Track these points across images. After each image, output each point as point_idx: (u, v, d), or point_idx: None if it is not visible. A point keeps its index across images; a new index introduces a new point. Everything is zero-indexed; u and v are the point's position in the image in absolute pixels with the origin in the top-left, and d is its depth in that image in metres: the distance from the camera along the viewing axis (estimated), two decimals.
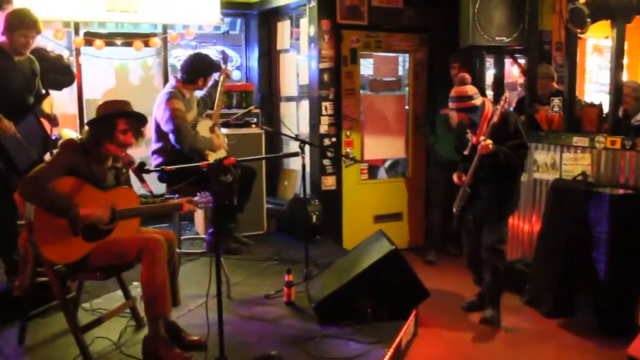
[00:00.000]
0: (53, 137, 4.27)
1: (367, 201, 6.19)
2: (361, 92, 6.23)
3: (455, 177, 4.31)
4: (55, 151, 3.22)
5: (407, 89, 6.53)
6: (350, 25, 5.95)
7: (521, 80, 6.34)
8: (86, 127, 3.35)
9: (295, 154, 3.77)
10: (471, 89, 4.15)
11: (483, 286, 4.46)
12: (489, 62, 6.48)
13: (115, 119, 3.26)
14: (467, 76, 4.21)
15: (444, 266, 5.76)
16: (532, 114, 5.30)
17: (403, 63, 6.74)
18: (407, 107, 6.51)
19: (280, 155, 6.25)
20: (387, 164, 7.03)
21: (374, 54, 6.31)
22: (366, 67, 6.44)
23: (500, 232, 4.29)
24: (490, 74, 6.56)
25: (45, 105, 4.26)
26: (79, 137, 3.38)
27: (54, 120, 4.22)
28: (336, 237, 5.93)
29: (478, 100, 4.13)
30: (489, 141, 3.99)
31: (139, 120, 3.36)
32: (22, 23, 3.85)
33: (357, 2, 5.95)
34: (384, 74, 6.47)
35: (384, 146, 6.43)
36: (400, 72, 6.69)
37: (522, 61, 6.14)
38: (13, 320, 3.56)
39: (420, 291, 3.97)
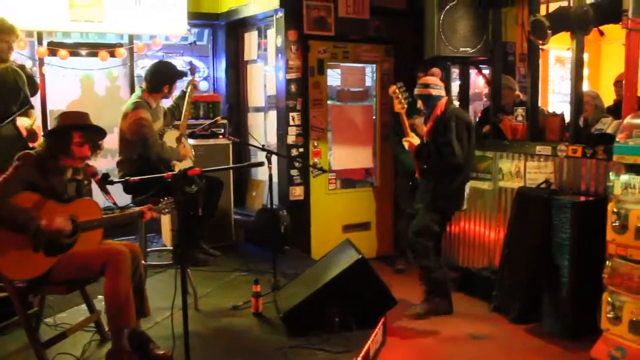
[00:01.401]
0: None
1: (335, 211, 6.20)
2: (329, 102, 6.25)
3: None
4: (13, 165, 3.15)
5: (374, 99, 6.57)
6: (317, 36, 5.98)
7: (486, 90, 6.43)
8: (42, 140, 3.30)
9: (260, 164, 3.77)
10: (433, 80, 4.51)
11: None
12: (455, 72, 6.56)
13: (71, 132, 3.22)
14: (438, 70, 4.39)
15: (413, 275, 5.73)
16: (497, 123, 5.38)
17: (371, 73, 6.79)
18: (374, 117, 6.54)
19: (245, 165, 6.25)
20: None
21: (341, 64, 6.34)
22: (333, 77, 6.47)
23: (423, 220, 4.50)
24: (456, 85, 6.64)
25: (28, 119, 4.27)
26: (36, 150, 3.32)
27: (32, 136, 4.18)
28: (304, 247, 5.93)
29: (435, 92, 4.44)
30: (412, 139, 4.43)
31: (96, 132, 3.32)
32: (1, 30, 4.00)
33: (324, 13, 5.99)
34: (351, 84, 6.51)
35: (352, 156, 6.45)
36: (368, 83, 6.73)
37: (486, 72, 6.23)
38: None
39: (387, 299, 3.98)
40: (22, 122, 4.25)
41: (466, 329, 4.38)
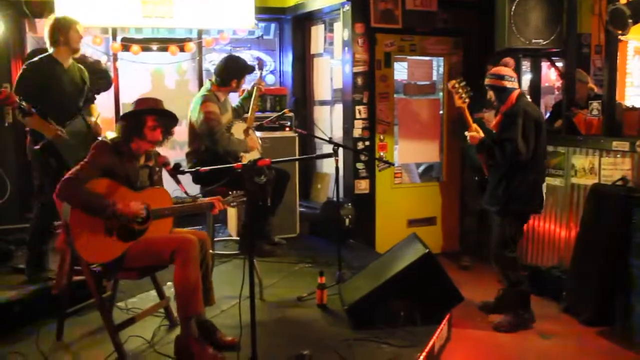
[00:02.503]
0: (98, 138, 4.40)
1: (400, 205, 6.17)
2: (395, 96, 6.22)
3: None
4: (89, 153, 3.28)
5: (441, 93, 6.49)
6: (384, 29, 5.96)
7: (558, 83, 6.23)
8: (117, 124, 3.42)
9: (329, 155, 3.77)
10: (506, 71, 4.28)
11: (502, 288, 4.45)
12: (526, 65, 6.40)
13: (145, 115, 3.33)
14: (511, 61, 4.25)
15: (479, 272, 5.68)
16: (570, 118, 5.21)
17: (437, 67, 6.70)
18: (441, 111, 6.47)
19: (314, 157, 6.27)
20: (421, 168, 6.99)
21: (408, 57, 6.29)
22: (400, 71, 6.44)
23: (502, 230, 4.27)
24: (526, 78, 6.47)
25: (92, 112, 4.46)
26: (111, 138, 3.45)
27: (95, 128, 4.35)
28: (369, 241, 5.92)
29: (508, 84, 4.21)
30: (474, 133, 4.25)
31: (168, 117, 3.41)
32: (71, 21, 4.20)
33: (391, 6, 5.95)
34: (419, 77, 6.44)
35: (418, 150, 6.40)
36: (435, 76, 6.65)
37: (559, 64, 6.03)
38: (51, 317, 3.64)
39: (454, 295, 3.93)
40: (89, 118, 4.43)
41: (535, 329, 4.27)
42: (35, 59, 4.21)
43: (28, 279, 4.19)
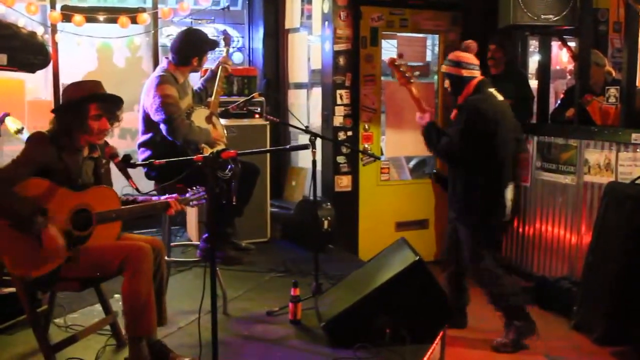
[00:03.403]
0: None
1: (387, 205, 6.19)
2: (382, 78, 6.23)
3: None
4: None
5: (436, 76, 6.52)
6: (370, 1, 5.97)
7: (571, 66, 6.29)
8: (52, 116, 3.35)
9: (305, 147, 3.76)
10: (466, 57, 4.31)
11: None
12: (533, 45, 6.45)
13: (86, 104, 3.26)
14: (474, 45, 4.35)
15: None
16: (584, 106, 5.27)
17: (432, 46, 6.73)
18: (436, 98, 6.49)
19: (288, 148, 6.25)
20: (412, 163, 7.02)
21: (398, 34, 6.31)
22: (389, 49, 6.44)
23: (468, 243, 4.36)
24: (534, 60, 6.53)
25: None
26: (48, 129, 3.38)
27: None
28: (351, 247, 5.93)
29: (465, 72, 4.26)
30: (426, 115, 4.37)
31: (113, 102, 3.36)
32: None
33: None
34: (410, 58, 6.43)
35: (408, 142, 6.41)
36: (429, 57, 6.67)
37: (572, 44, 6.09)
38: None
39: (448, 310, 3.95)
40: None
41: (540, 349, 4.32)
42: None
43: None
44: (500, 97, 4.37)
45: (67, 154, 3.28)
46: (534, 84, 6.22)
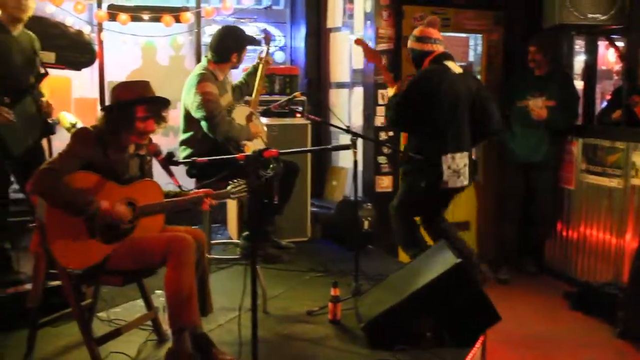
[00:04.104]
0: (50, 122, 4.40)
1: None
2: None
3: None
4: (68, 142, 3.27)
5: (478, 76, 6.44)
6: (413, 0, 5.92)
7: (618, 67, 6.17)
8: (100, 114, 3.41)
9: (346, 147, 3.75)
10: (430, 33, 4.59)
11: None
12: (579, 45, 6.34)
13: (134, 107, 3.30)
14: (437, 20, 4.69)
15: (519, 286, 5.66)
16: (631, 108, 5.16)
17: (475, 45, 6.66)
18: None
19: (330, 148, 6.25)
20: None
21: (441, 34, 6.24)
22: None
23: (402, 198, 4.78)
24: (580, 60, 6.41)
25: (44, 88, 4.39)
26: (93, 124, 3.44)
27: (46, 108, 4.32)
28: (391, 247, 5.89)
29: (427, 47, 4.54)
30: (394, 89, 4.67)
31: (160, 103, 3.41)
32: None
33: None
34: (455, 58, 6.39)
35: None
36: (471, 57, 6.61)
37: (620, 44, 5.97)
38: (20, 328, 3.64)
39: (490, 314, 3.88)
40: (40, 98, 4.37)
41: (584, 356, 4.24)
42: None
43: None
44: (456, 70, 4.60)
45: (112, 151, 3.33)
46: (579, 84, 6.10)
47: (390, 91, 4.72)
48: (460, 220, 6.31)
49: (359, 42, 4.79)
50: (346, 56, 6.58)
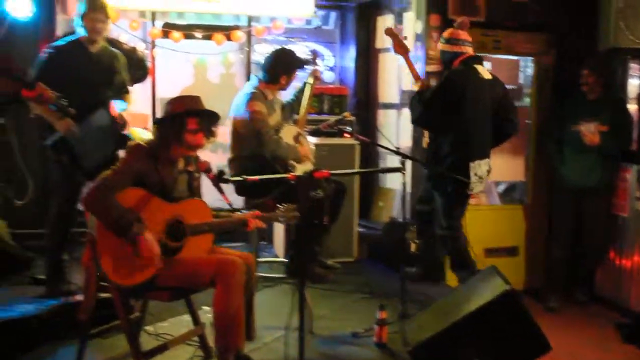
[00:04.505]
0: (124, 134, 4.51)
1: (476, 231, 6.01)
2: None
3: None
4: (121, 157, 3.34)
5: (529, 99, 6.38)
6: None
7: None
8: (153, 128, 3.47)
9: (397, 169, 3.74)
10: (460, 35, 4.72)
11: None
12: (634, 69, 6.22)
13: (184, 118, 3.36)
14: (466, 21, 4.77)
15: (569, 315, 5.54)
16: None
17: (525, 68, 6.60)
18: (528, 120, 6.35)
19: (380, 170, 6.25)
20: (501, 187, 6.87)
21: (491, 56, 6.21)
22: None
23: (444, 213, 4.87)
24: (634, 84, 6.29)
25: (126, 103, 4.56)
26: (145, 140, 3.50)
27: (119, 120, 4.44)
28: (438, 270, 5.82)
29: (457, 49, 4.66)
30: (418, 84, 4.73)
31: (210, 117, 3.45)
32: (89, 6, 4.24)
33: None
34: (502, 80, 6.33)
35: (498, 166, 6.27)
36: (522, 80, 6.54)
37: None
38: (71, 337, 3.71)
39: (540, 343, 3.81)
40: (119, 107, 4.51)
41: None
42: (61, 41, 4.34)
43: (49, 292, 4.31)
44: (485, 75, 4.71)
45: (162, 166, 3.38)
46: (634, 109, 5.98)
47: (415, 87, 4.80)
48: (508, 245, 6.22)
49: (389, 32, 4.87)
50: (395, 77, 6.57)
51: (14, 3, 5.29)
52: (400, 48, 4.80)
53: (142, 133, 4.83)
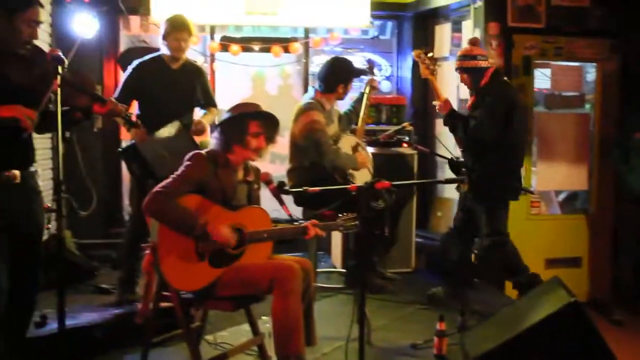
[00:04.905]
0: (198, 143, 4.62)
1: (537, 241, 5.96)
2: (534, 109, 6.06)
3: None
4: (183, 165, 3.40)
5: (591, 106, 6.25)
6: (523, 29, 5.84)
7: None
8: (216, 131, 3.53)
9: (461, 180, 3.70)
10: (479, 51, 4.75)
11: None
12: None
13: (247, 120, 3.41)
14: (478, 39, 4.84)
15: (635, 329, 5.37)
16: None
17: (585, 75, 6.47)
18: (591, 128, 6.25)
19: (443, 181, 6.20)
20: (561, 196, 6.75)
21: (552, 63, 6.13)
22: (542, 79, 6.26)
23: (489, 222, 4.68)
24: None
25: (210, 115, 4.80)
26: (206, 150, 3.56)
27: (196, 126, 4.61)
28: (498, 281, 5.74)
29: (482, 63, 4.65)
30: (447, 104, 4.74)
31: (272, 122, 3.49)
32: (173, 27, 4.46)
33: (532, 2, 5.84)
34: (564, 87, 6.27)
35: (560, 175, 6.20)
36: (585, 86, 6.42)
37: None
38: (134, 346, 3.79)
39: (606, 357, 3.70)
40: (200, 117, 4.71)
41: None
42: (146, 57, 4.55)
43: (118, 301, 4.45)
44: (513, 86, 4.88)
45: (222, 173, 3.42)
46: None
47: (442, 105, 4.79)
48: (571, 255, 6.10)
49: (417, 55, 4.90)
50: (453, 86, 6.51)
51: (81, 22, 5.51)
52: (427, 71, 4.84)
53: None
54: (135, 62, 4.54)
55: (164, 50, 4.53)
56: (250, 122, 3.42)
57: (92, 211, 5.73)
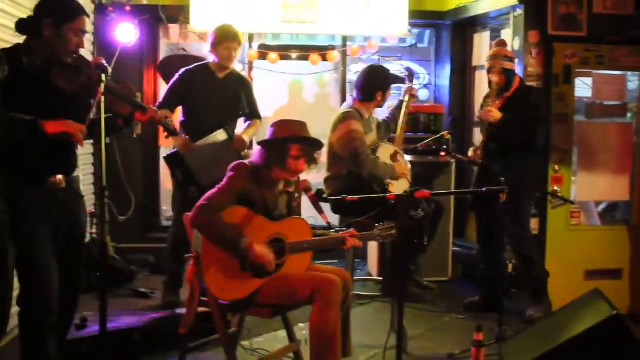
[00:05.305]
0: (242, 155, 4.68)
1: (577, 252, 5.86)
2: (575, 118, 5.96)
3: (470, 152, 4.96)
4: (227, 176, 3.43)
5: (633, 115, 6.15)
6: (564, 37, 5.75)
7: None
8: (256, 149, 3.55)
9: (501, 190, 3.66)
10: (512, 53, 4.85)
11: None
12: None
13: (288, 144, 3.41)
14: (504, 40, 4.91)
15: None
16: None
17: (629, 83, 6.37)
18: (633, 137, 6.13)
19: (484, 191, 6.13)
20: (601, 207, 6.63)
21: (594, 71, 6.02)
22: (583, 87, 6.17)
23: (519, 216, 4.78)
24: None
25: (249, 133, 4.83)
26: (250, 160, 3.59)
27: (238, 142, 4.62)
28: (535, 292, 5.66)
29: (509, 65, 4.78)
30: (495, 110, 4.71)
31: (313, 145, 3.50)
32: (225, 36, 4.52)
33: (573, 9, 5.74)
34: (606, 96, 6.15)
35: (601, 185, 6.09)
36: (627, 95, 6.31)
37: None
38: (171, 350, 3.85)
39: None
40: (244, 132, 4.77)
41: None
42: (192, 66, 4.62)
43: (164, 303, 4.53)
44: None
45: (264, 186, 3.46)
46: None
47: (497, 113, 4.75)
48: (611, 267, 5.98)
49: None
50: None
51: (122, 31, 5.62)
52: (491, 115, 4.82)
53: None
54: (182, 70, 4.60)
55: (211, 59, 4.57)
56: (291, 145, 3.41)
57: (130, 216, 5.83)
